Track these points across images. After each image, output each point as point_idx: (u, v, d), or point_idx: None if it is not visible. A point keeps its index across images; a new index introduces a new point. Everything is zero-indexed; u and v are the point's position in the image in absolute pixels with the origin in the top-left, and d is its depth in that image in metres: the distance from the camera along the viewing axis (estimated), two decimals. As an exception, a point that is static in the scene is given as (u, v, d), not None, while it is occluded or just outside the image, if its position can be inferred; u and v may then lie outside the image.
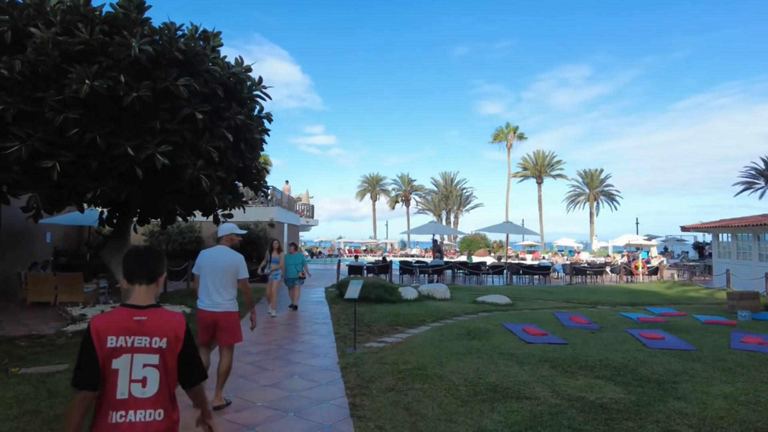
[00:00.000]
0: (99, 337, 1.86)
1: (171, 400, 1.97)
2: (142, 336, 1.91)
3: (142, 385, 1.89)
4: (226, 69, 8.86)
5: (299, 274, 11.17)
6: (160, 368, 1.92)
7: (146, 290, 2.03)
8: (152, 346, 1.91)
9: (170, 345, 1.94)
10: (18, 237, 13.07)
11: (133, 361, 1.88)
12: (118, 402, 1.85)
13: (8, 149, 7.14)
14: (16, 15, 7.58)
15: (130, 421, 1.85)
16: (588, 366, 5.96)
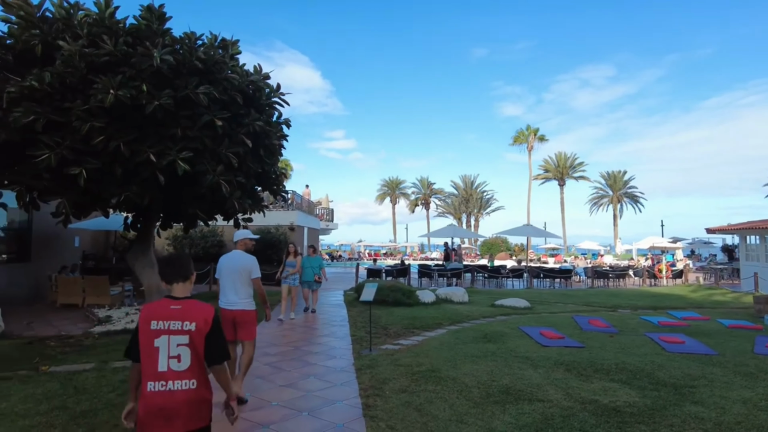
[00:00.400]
0: (146, 321, 2.36)
1: (202, 375, 2.39)
2: (176, 321, 2.36)
3: (177, 360, 2.32)
4: (244, 77, 9.05)
5: (316, 278, 11.20)
6: (191, 347, 2.34)
7: (182, 286, 2.53)
8: (183, 329, 2.35)
9: (199, 329, 2.36)
10: (49, 241, 13.52)
11: (170, 341, 2.33)
12: (159, 374, 2.29)
13: (39, 157, 7.45)
14: (46, 29, 7.90)
15: (169, 389, 2.28)
16: (604, 369, 5.92)
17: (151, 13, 8.36)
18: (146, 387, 2.29)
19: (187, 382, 2.32)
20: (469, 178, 64.71)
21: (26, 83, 7.45)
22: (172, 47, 8.17)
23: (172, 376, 2.30)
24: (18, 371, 5.73)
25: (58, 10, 8.20)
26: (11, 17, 7.99)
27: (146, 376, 2.30)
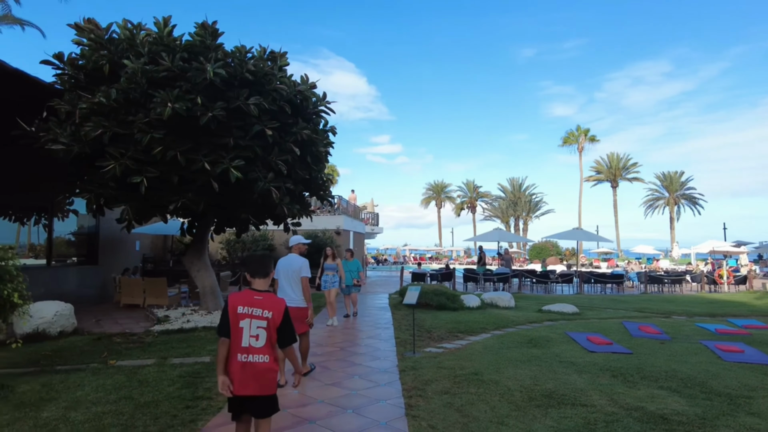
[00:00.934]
0: (233, 306, 2.96)
1: (273, 352, 3.01)
2: (257, 308, 2.97)
3: (256, 339, 2.94)
4: (292, 87, 9.41)
5: (354, 281, 11.13)
6: (267, 330, 2.96)
7: (263, 281, 3.12)
8: (263, 316, 2.96)
9: (274, 317, 2.98)
10: (113, 245, 14.44)
11: (251, 324, 2.94)
12: (243, 348, 2.92)
13: (105, 167, 8.06)
14: (113, 49, 8.53)
15: (249, 360, 2.90)
16: (652, 376, 5.79)
17: (205, 29, 8.86)
18: (235, 357, 2.92)
19: (262, 356, 2.93)
20: (516, 181, 63.63)
21: (95, 99, 8.09)
22: (224, 61, 8.62)
23: (252, 351, 2.92)
24: (90, 364, 6.23)
25: (123, 32, 8.84)
26: (83, 40, 8.68)
27: (234, 349, 2.93)
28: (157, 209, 9.25)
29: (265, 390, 2.94)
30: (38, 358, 6.45)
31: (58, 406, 4.56)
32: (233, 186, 8.68)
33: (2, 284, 4.67)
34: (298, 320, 5.29)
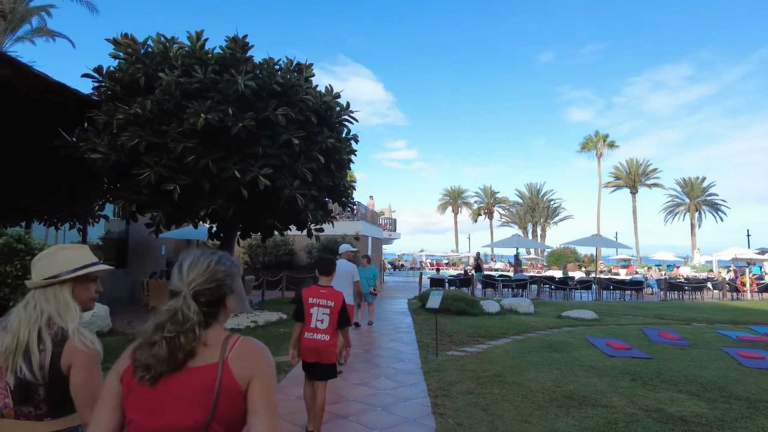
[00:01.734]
0: (305, 297, 4.04)
1: (333, 333, 4.04)
2: (323, 299, 4.05)
3: (321, 323, 3.99)
4: (318, 98, 9.75)
5: (371, 289, 10.24)
6: (329, 316, 4.01)
7: (327, 279, 4.21)
8: (326, 305, 4.03)
9: (335, 305, 4.04)
10: (141, 250, 14.92)
11: (318, 311, 4.01)
12: (312, 329, 3.98)
13: (141, 175, 8.47)
14: (148, 63, 8.97)
15: (314, 338, 3.96)
16: (672, 381, 5.92)
17: (235, 43, 9.26)
18: (304, 335, 3.98)
19: (324, 335, 3.98)
20: (534, 186, 63.33)
21: (132, 110, 8.51)
22: (254, 73, 9.00)
23: (317, 331, 3.97)
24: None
25: (157, 45, 9.28)
26: (120, 54, 9.14)
27: (305, 330, 3.99)
28: (188, 215, 9.64)
29: (323, 359, 3.96)
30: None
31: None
32: (261, 193, 9.03)
33: (57, 285, 5.02)
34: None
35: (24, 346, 1.52)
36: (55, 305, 1.61)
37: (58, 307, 1.61)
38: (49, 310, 1.60)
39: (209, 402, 1.20)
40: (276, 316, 10.77)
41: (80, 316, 1.66)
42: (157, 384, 1.21)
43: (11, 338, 1.54)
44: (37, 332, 1.55)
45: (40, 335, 1.55)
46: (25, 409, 1.52)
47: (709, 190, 53.81)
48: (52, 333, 1.57)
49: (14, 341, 1.53)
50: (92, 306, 1.75)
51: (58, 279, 1.63)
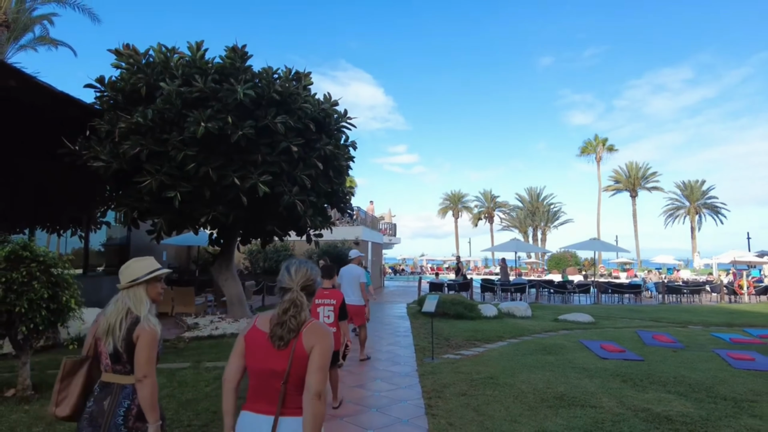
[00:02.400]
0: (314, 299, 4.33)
1: (338, 326, 4.86)
2: (326, 299, 4.95)
3: (328, 318, 4.88)
4: (316, 105, 9.92)
5: None
6: (333, 312, 4.91)
7: (329, 281, 5.20)
8: (330, 303, 4.94)
9: (336, 303, 4.95)
10: (143, 255, 15.06)
11: (324, 309, 4.92)
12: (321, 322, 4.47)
13: (142, 183, 8.63)
14: (149, 72, 9.14)
15: None
16: (661, 381, 6.05)
17: (234, 52, 9.44)
18: None
19: (332, 329, 4.37)
20: (535, 191, 63.46)
21: (133, 119, 8.67)
22: (253, 82, 9.16)
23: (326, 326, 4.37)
24: (130, 367, 6.72)
25: (158, 55, 9.46)
26: (122, 64, 9.32)
27: None
28: (189, 221, 9.80)
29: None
30: (83, 361, 6.97)
31: (110, 402, 5.03)
32: (261, 199, 9.18)
33: (61, 291, 5.18)
34: (359, 315, 7.29)
35: (112, 328, 2.29)
36: (133, 300, 2.37)
37: (135, 302, 2.37)
38: (129, 304, 2.36)
39: (289, 355, 1.94)
40: None
41: (152, 306, 2.44)
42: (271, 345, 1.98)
43: (105, 323, 2.32)
44: (120, 319, 2.30)
45: (122, 321, 2.29)
46: (117, 367, 2.30)
47: (709, 193, 53.94)
48: (130, 319, 2.31)
49: (107, 325, 2.30)
50: (160, 299, 2.55)
51: (136, 282, 2.40)
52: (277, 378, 1.94)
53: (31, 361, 5.43)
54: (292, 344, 1.96)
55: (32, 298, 4.87)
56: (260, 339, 2.02)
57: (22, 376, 5.16)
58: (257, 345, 2.01)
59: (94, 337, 2.39)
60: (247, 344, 2.04)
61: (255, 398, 2.01)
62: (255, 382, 2.02)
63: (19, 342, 5.07)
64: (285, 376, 1.94)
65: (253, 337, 2.04)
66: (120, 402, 2.25)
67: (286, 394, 1.95)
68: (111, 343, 2.27)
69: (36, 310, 4.90)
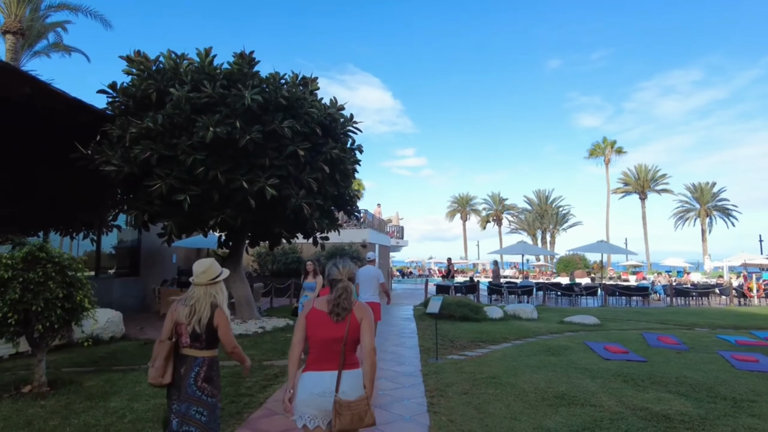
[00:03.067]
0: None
1: None
2: None
3: None
4: (322, 110, 10.09)
5: None
6: None
7: None
8: None
9: None
10: (153, 258, 15.33)
11: None
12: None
13: (152, 186, 8.84)
14: (159, 78, 9.37)
15: None
16: (662, 382, 6.11)
17: (242, 58, 9.64)
18: None
19: None
20: (543, 193, 63.27)
21: (144, 124, 8.89)
22: (260, 87, 9.35)
23: None
24: (141, 365, 6.89)
25: (167, 61, 9.68)
26: (133, 70, 9.55)
27: None
28: (198, 224, 9.99)
29: None
30: (96, 359, 7.16)
31: (122, 398, 5.21)
32: (268, 202, 9.35)
33: (76, 291, 5.36)
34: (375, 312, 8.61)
35: (199, 315, 3.03)
36: (215, 293, 3.13)
37: (217, 293, 3.14)
38: (214, 295, 3.11)
39: (345, 327, 2.65)
40: (283, 323, 11.07)
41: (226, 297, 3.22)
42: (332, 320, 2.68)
43: (189, 310, 3.04)
44: (206, 309, 3.04)
45: (207, 310, 3.04)
46: (195, 344, 3.06)
47: (720, 196, 53.44)
48: (211, 309, 3.06)
49: (192, 312, 3.03)
50: None
51: (217, 279, 3.17)
52: (338, 343, 2.62)
53: (46, 358, 5.61)
54: (347, 318, 2.67)
55: (48, 298, 5.06)
56: (321, 316, 2.70)
57: (37, 372, 5.35)
58: (319, 321, 2.68)
59: (175, 321, 3.10)
60: (309, 321, 2.70)
61: (316, 361, 2.66)
62: (317, 349, 2.66)
63: (35, 340, 5.26)
64: (344, 341, 2.63)
65: (314, 316, 2.71)
66: (192, 368, 3.05)
67: (345, 354, 2.63)
68: (194, 328, 3.02)
69: (51, 309, 5.09)
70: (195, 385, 3.02)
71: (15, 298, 4.87)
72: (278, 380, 6.26)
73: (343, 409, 2.50)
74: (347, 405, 2.51)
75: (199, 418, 3.01)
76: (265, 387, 5.82)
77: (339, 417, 2.49)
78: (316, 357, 2.66)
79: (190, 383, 3.02)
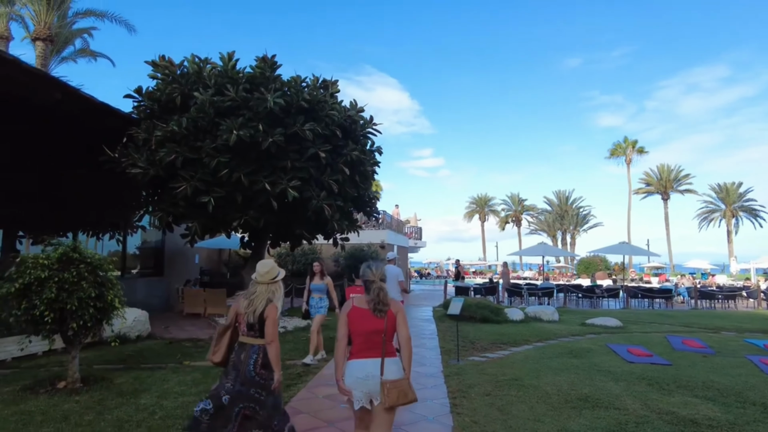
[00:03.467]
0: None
1: None
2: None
3: None
4: (343, 112, 10.18)
5: None
6: None
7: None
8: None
9: None
10: (176, 258, 15.61)
11: None
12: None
13: (178, 188, 9.02)
14: (183, 82, 9.56)
15: None
16: (688, 386, 6.03)
17: (264, 62, 9.78)
18: None
19: None
20: (563, 194, 62.62)
21: (169, 128, 9.08)
22: (282, 91, 9.47)
23: None
24: (168, 363, 7.06)
25: (191, 66, 9.87)
26: (158, 74, 9.77)
27: None
28: (222, 225, 10.16)
29: None
30: (124, 357, 7.36)
31: (151, 395, 5.35)
32: (290, 204, 9.46)
33: (107, 291, 5.52)
34: None
35: (254, 307, 3.47)
36: (274, 291, 3.60)
37: (275, 291, 3.61)
38: (273, 292, 3.59)
39: (384, 321, 3.06)
40: (304, 323, 11.18)
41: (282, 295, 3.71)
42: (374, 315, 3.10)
43: (248, 304, 3.50)
44: (263, 303, 3.48)
45: (263, 304, 3.48)
46: (251, 333, 3.49)
47: (747, 196, 52.21)
48: (267, 303, 3.50)
49: (251, 306, 3.48)
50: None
51: (277, 279, 3.66)
52: (379, 334, 3.06)
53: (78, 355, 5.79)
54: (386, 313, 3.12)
55: (81, 297, 5.23)
56: (363, 312, 3.13)
57: (71, 369, 5.52)
58: (361, 316, 3.12)
59: (236, 312, 3.59)
60: (351, 317, 3.13)
61: (360, 351, 3.08)
62: (361, 340, 3.09)
63: (69, 337, 5.43)
64: (384, 332, 3.07)
65: (356, 312, 3.15)
66: (250, 355, 3.46)
67: (385, 344, 3.07)
68: (251, 317, 3.45)
69: (85, 308, 5.26)
70: (254, 371, 3.42)
71: (51, 297, 5.05)
72: (302, 380, 6.35)
73: (390, 387, 2.95)
74: (393, 384, 2.98)
75: (258, 397, 3.42)
76: (289, 386, 5.91)
77: (388, 394, 2.94)
78: (360, 347, 3.08)
79: (250, 369, 3.41)
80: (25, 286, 5.09)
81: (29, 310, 5.07)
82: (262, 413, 3.40)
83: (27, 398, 5.11)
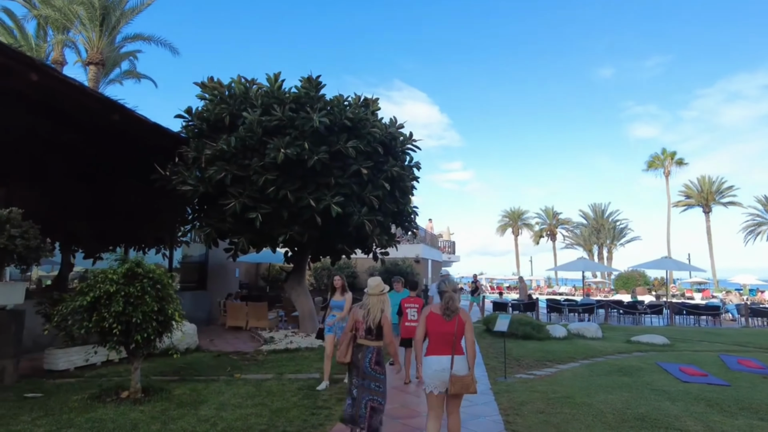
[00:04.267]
0: (403, 303, 7.38)
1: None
2: (412, 303, 7.41)
3: (413, 316, 7.20)
4: (383, 129, 10.36)
5: None
6: (417, 311, 7.19)
7: (413, 291, 7.85)
8: (414, 306, 7.35)
9: (419, 306, 7.28)
10: (218, 272, 16.01)
11: (410, 309, 7.34)
12: (409, 320, 7.23)
13: (227, 205, 9.32)
14: (231, 103, 9.92)
15: (411, 325, 7.08)
16: (752, 408, 5.82)
17: (309, 82, 10.07)
18: (404, 324, 7.23)
19: (416, 323, 6.17)
20: (599, 207, 61.27)
21: (218, 147, 9.41)
22: (327, 110, 9.72)
23: (412, 321, 7.08)
24: (220, 376, 7.24)
25: (238, 86, 10.25)
26: (206, 95, 10.17)
27: (405, 320, 7.24)
28: (268, 241, 10.41)
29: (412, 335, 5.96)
30: (177, 369, 7.59)
31: (210, 407, 5.51)
32: (332, 219, 9.64)
33: (167, 304, 5.76)
34: None
35: (373, 315, 4.37)
36: (383, 301, 4.47)
37: (385, 302, 4.47)
38: (383, 302, 4.45)
39: (455, 324, 3.88)
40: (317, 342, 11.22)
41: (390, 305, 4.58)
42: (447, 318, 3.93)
43: (366, 312, 4.41)
44: (378, 312, 4.39)
45: (378, 313, 4.38)
46: (368, 336, 4.37)
47: (796, 208, 49.92)
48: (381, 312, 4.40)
49: (370, 315, 4.37)
50: None
51: (384, 291, 4.54)
52: (450, 335, 3.84)
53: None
54: (456, 318, 3.88)
55: (145, 311, 5.46)
56: (437, 317, 3.93)
57: (134, 380, 5.75)
58: (436, 319, 3.92)
59: (355, 320, 4.46)
60: (429, 320, 3.95)
61: (435, 348, 3.89)
62: (435, 339, 3.90)
63: (132, 350, 5.67)
64: (454, 333, 3.84)
65: (433, 316, 3.95)
66: (366, 354, 4.34)
67: (455, 344, 3.85)
68: (370, 323, 4.33)
69: (148, 322, 5.49)
70: (370, 367, 4.30)
71: (119, 310, 5.29)
72: (351, 394, 6.41)
73: (456, 381, 3.77)
74: (459, 378, 3.78)
75: (375, 388, 4.26)
76: (340, 400, 5.98)
77: (453, 385, 3.77)
78: (434, 346, 3.90)
79: (367, 365, 4.30)
80: (95, 299, 5.36)
81: (99, 323, 5.33)
82: (384, 403, 4.26)
83: (96, 407, 5.35)
